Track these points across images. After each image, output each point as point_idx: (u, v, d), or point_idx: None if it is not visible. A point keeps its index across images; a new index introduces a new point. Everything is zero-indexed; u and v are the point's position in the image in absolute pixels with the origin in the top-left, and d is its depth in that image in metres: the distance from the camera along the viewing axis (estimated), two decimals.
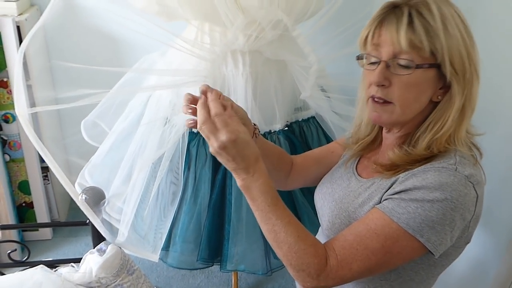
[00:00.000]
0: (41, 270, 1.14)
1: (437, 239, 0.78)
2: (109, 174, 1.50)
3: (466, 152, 0.83)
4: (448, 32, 0.78)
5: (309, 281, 0.80)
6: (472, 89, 0.82)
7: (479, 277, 1.48)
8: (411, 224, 0.77)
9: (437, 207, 0.76)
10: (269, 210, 0.81)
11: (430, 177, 0.78)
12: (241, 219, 1.42)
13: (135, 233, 1.44)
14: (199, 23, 1.36)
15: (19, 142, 1.92)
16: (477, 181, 0.79)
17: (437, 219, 0.76)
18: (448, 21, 0.79)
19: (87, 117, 1.51)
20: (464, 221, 0.79)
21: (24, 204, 2.04)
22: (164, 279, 1.94)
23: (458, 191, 0.76)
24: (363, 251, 0.79)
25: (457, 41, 0.79)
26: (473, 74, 0.81)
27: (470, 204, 0.79)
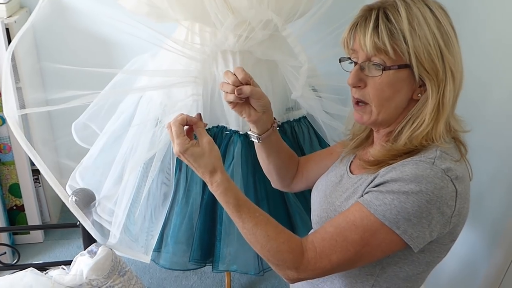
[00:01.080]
0: (31, 273, 1.13)
1: (414, 232, 0.79)
2: (100, 176, 1.50)
3: (449, 148, 0.85)
4: (415, 33, 0.80)
5: (290, 274, 0.85)
6: (446, 88, 0.82)
7: (469, 275, 1.49)
8: (387, 215, 0.79)
9: (412, 199, 0.78)
10: (235, 216, 0.88)
11: (407, 170, 0.80)
12: (232, 220, 1.42)
13: (127, 235, 1.43)
14: (189, 24, 1.36)
15: (9, 145, 1.90)
16: (456, 175, 0.80)
17: (412, 211, 0.78)
18: (417, 21, 0.80)
19: (78, 119, 1.50)
20: (443, 215, 0.80)
21: (15, 207, 2.03)
22: (157, 281, 1.93)
23: (433, 183, 0.78)
24: (342, 242, 0.81)
25: (426, 41, 0.80)
26: (447, 73, 0.82)
27: (448, 198, 0.79)
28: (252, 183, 1.43)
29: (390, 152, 0.86)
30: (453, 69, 0.82)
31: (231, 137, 1.43)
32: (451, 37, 0.82)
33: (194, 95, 1.35)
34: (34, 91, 1.92)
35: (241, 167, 1.40)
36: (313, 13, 1.39)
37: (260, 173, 1.39)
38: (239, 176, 1.40)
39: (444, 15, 0.83)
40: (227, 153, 1.43)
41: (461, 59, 0.85)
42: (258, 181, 1.44)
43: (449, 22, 0.84)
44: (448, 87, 0.82)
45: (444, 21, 0.82)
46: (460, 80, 0.85)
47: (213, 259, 1.47)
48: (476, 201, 1.23)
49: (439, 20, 0.82)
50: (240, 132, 1.43)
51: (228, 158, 1.42)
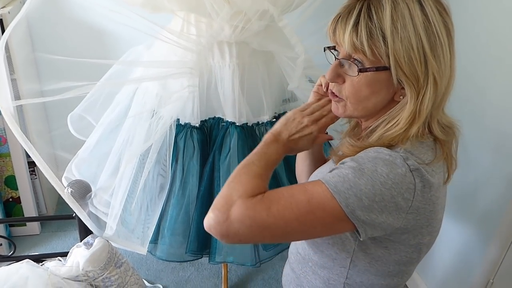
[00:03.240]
0: (27, 264, 1.13)
1: (362, 214, 0.75)
2: (96, 168, 1.49)
3: (417, 148, 0.80)
4: (396, 34, 0.75)
5: (221, 209, 0.78)
6: (425, 95, 0.77)
7: (463, 268, 1.50)
8: (339, 187, 0.75)
9: (366, 177, 0.74)
10: None
11: (368, 153, 0.78)
12: None
13: (123, 226, 1.43)
14: (185, 14, 1.35)
15: (5, 136, 1.89)
16: (417, 168, 0.76)
17: (365, 189, 0.74)
18: (401, 21, 0.75)
19: (74, 111, 1.50)
20: (396, 207, 0.75)
21: (11, 199, 2.02)
22: (154, 272, 1.94)
23: (390, 167, 0.75)
24: (289, 198, 0.77)
25: (408, 44, 0.74)
26: (429, 79, 0.77)
27: (404, 189, 0.75)
28: None
29: (357, 150, 0.82)
30: (437, 76, 0.77)
31: (228, 129, 1.43)
32: (440, 39, 0.76)
33: (190, 86, 1.34)
34: (29, 82, 1.90)
35: (237, 159, 1.40)
36: (310, 3, 1.38)
37: None
38: (235, 168, 1.40)
39: (437, 13, 0.76)
40: (224, 145, 1.42)
41: (453, 60, 0.79)
42: None
43: (443, 20, 0.77)
44: (428, 94, 0.77)
45: (435, 20, 0.76)
46: (447, 84, 0.79)
47: (209, 250, 1.48)
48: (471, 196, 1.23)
49: (429, 19, 0.75)
50: (236, 124, 1.42)
51: (224, 149, 1.42)
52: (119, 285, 1.20)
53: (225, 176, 1.40)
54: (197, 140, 1.44)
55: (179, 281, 1.91)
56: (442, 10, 0.78)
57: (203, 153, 1.44)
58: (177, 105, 1.35)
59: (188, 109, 1.40)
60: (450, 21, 0.79)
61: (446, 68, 0.78)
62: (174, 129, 1.41)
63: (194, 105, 1.39)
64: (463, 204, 1.46)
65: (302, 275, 1.02)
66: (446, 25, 0.78)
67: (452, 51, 0.79)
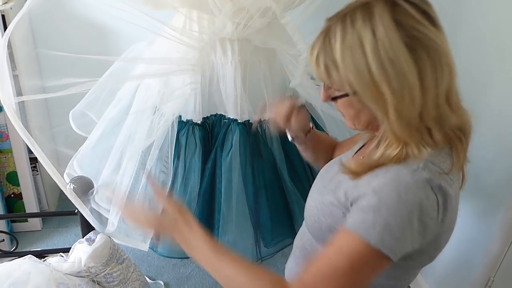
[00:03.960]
0: (29, 260, 1.14)
1: (398, 247, 0.76)
2: (98, 164, 1.50)
3: (437, 156, 0.80)
4: (347, 64, 0.75)
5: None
6: (391, 116, 0.76)
7: (464, 266, 1.50)
8: (371, 233, 0.76)
9: (393, 210, 0.75)
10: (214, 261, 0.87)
11: (389, 177, 0.77)
12: (231, 208, 1.42)
13: (125, 223, 1.43)
14: (187, 11, 1.35)
15: (6, 132, 1.90)
16: (439, 185, 0.76)
17: (395, 225, 0.75)
18: (350, 50, 0.75)
19: (76, 107, 1.50)
20: (425, 226, 0.77)
21: (12, 195, 2.02)
22: (155, 269, 1.94)
23: (414, 193, 0.75)
24: (330, 272, 0.77)
25: (357, 72, 0.75)
26: (388, 102, 0.75)
27: (430, 210, 0.76)
28: (250, 171, 1.43)
29: (365, 168, 0.83)
30: (394, 97, 0.75)
31: (230, 126, 1.43)
32: (395, 59, 0.73)
33: (192, 83, 1.34)
34: (31, 78, 1.90)
35: (239, 156, 1.40)
36: (312, 0, 1.37)
37: (259, 162, 1.39)
38: (237, 165, 1.40)
39: (395, 29, 0.73)
40: (226, 142, 1.43)
41: (425, 72, 0.74)
42: (257, 169, 1.44)
43: (408, 34, 0.73)
44: (392, 115, 0.76)
45: (388, 41, 0.73)
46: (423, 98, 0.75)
47: None
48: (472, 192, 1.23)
49: (379, 43, 0.73)
50: (238, 121, 1.42)
51: (226, 146, 1.42)
52: (121, 281, 1.20)
53: (226, 173, 1.41)
54: (199, 137, 1.44)
55: (180, 278, 1.91)
56: (407, 21, 0.74)
57: (205, 150, 1.45)
58: (179, 102, 1.36)
59: (190, 106, 1.41)
60: (424, 28, 0.74)
61: (410, 85, 0.74)
62: (176, 126, 1.41)
63: (196, 102, 1.40)
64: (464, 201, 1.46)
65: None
66: (412, 39, 0.73)
67: (423, 63, 0.74)
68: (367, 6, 0.76)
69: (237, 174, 1.39)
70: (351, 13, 0.76)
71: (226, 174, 1.40)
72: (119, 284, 1.20)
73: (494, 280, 1.38)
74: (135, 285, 1.25)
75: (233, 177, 1.40)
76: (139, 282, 1.26)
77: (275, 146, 1.47)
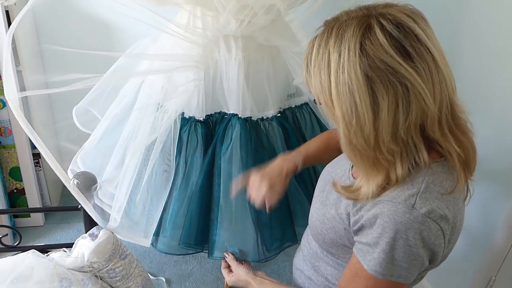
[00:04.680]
0: (32, 254, 1.14)
1: (408, 274, 0.80)
2: (102, 161, 1.50)
3: (439, 173, 0.79)
4: (314, 78, 0.78)
5: None
6: (354, 135, 0.76)
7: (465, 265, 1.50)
8: (379, 270, 0.79)
9: (397, 247, 0.76)
10: None
11: (386, 214, 0.77)
12: (230, 203, 1.41)
13: (128, 219, 1.44)
14: (191, 7, 1.35)
15: (10, 128, 1.90)
16: (440, 215, 0.76)
17: (400, 258, 0.77)
18: (318, 66, 0.77)
19: (79, 104, 1.50)
20: (433, 252, 0.79)
21: (15, 191, 2.03)
22: (157, 265, 1.95)
23: (414, 229, 0.75)
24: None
25: (320, 87, 0.77)
26: (339, 117, 0.76)
27: (434, 239, 0.77)
28: (252, 166, 1.42)
29: (349, 195, 0.85)
30: (348, 119, 0.75)
31: (230, 120, 1.42)
32: (351, 85, 0.72)
33: (195, 80, 1.34)
34: (35, 73, 1.91)
35: (240, 150, 1.39)
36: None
37: (262, 158, 1.39)
38: (237, 159, 1.38)
39: (357, 55, 0.71)
40: (225, 137, 1.41)
41: (377, 103, 0.72)
42: (259, 165, 1.43)
43: (370, 64, 0.71)
44: (349, 136, 0.77)
45: (354, 64, 0.72)
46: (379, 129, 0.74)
47: (208, 245, 1.48)
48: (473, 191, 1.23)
49: (340, 64, 0.73)
50: (239, 115, 1.42)
51: (226, 141, 1.40)
52: (124, 276, 1.21)
53: (226, 167, 1.39)
54: (201, 134, 1.43)
55: (182, 274, 1.92)
56: (374, 51, 0.71)
57: (206, 147, 1.44)
58: (182, 99, 1.36)
59: (193, 103, 1.40)
60: (392, 61, 0.70)
61: (360, 116, 0.73)
62: (179, 122, 1.41)
63: (199, 99, 1.40)
64: None
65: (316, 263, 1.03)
66: (374, 70, 0.71)
67: (380, 97, 0.72)
68: (344, 25, 0.74)
69: (237, 168, 1.38)
70: (330, 29, 0.76)
71: (225, 168, 1.39)
72: (121, 279, 1.21)
73: (496, 279, 1.38)
74: (138, 281, 1.25)
75: (233, 171, 1.39)
76: (141, 277, 1.27)
77: (279, 143, 1.46)
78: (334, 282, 0.99)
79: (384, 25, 0.71)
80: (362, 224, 0.82)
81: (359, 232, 0.83)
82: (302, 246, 1.12)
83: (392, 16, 0.72)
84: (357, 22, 0.73)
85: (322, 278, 1.01)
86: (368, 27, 0.72)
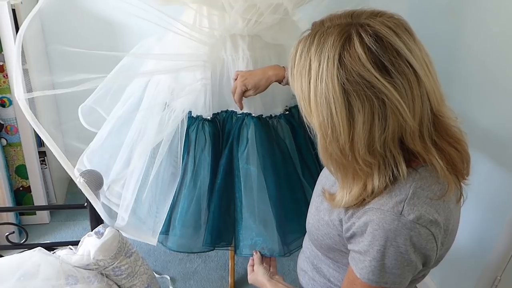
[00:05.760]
0: (39, 252, 1.15)
1: (402, 280, 0.80)
2: (108, 160, 1.50)
3: (426, 178, 0.79)
4: (294, 81, 0.79)
5: None
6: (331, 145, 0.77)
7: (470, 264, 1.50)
8: (371, 278, 0.80)
9: (388, 255, 0.77)
10: None
11: (375, 221, 0.77)
12: (252, 203, 1.40)
13: (135, 217, 1.44)
14: (197, 6, 1.35)
15: (16, 126, 1.91)
16: (429, 220, 0.76)
17: (392, 265, 0.78)
18: (299, 69, 0.77)
19: (84, 103, 1.50)
20: (425, 256, 0.79)
21: (21, 188, 2.04)
22: (162, 263, 1.95)
23: (403, 235, 0.75)
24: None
25: (301, 91, 0.78)
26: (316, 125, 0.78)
27: (424, 243, 0.77)
28: (269, 164, 1.41)
29: (332, 203, 0.86)
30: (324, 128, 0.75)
31: (244, 120, 1.41)
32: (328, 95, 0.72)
33: (202, 79, 1.34)
34: (42, 74, 1.92)
35: (256, 149, 1.38)
36: None
37: (278, 155, 1.38)
38: (255, 159, 1.38)
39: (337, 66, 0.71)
40: (241, 137, 1.41)
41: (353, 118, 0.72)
42: (278, 162, 1.43)
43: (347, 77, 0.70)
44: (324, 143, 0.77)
45: (331, 75, 0.71)
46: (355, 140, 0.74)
47: (225, 243, 1.48)
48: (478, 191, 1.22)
49: (319, 73, 0.73)
50: (252, 114, 1.42)
51: (242, 141, 1.41)
52: (129, 274, 1.21)
53: (244, 168, 1.40)
54: (209, 133, 1.44)
55: (186, 273, 1.92)
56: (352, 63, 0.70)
57: (214, 146, 1.44)
58: (189, 98, 1.36)
59: (200, 102, 1.40)
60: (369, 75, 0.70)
61: (336, 126, 0.74)
62: (186, 121, 1.42)
63: (206, 98, 1.40)
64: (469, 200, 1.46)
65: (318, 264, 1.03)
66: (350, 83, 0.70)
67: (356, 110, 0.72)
68: (325, 33, 0.74)
69: (256, 167, 1.38)
70: (313, 35, 0.76)
71: (244, 168, 1.39)
72: (127, 277, 1.21)
73: (501, 279, 1.38)
74: (143, 279, 1.26)
75: (252, 171, 1.39)
76: (146, 275, 1.27)
77: (287, 140, 1.46)
78: (337, 283, 0.99)
79: (363, 38, 0.70)
80: (353, 231, 0.82)
81: (351, 240, 0.84)
82: (304, 247, 1.12)
83: (372, 30, 0.71)
84: (338, 32, 0.72)
85: (324, 279, 1.02)
86: (348, 38, 0.71)
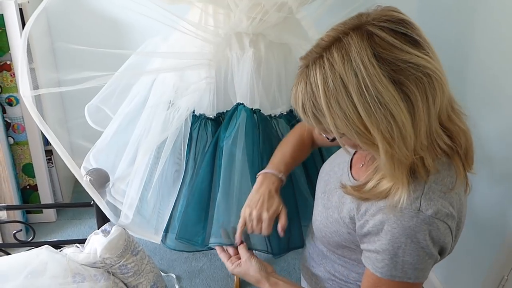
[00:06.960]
0: (46, 250, 1.16)
1: (424, 274, 0.81)
2: (114, 158, 1.51)
3: (440, 172, 0.79)
4: (333, 111, 0.71)
5: None
6: (391, 150, 0.73)
7: (476, 263, 1.50)
8: (394, 274, 0.80)
9: (409, 252, 0.77)
10: None
11: (393, 220, 0.77)
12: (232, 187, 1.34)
13: (139, 216, 1.45)
14: (203, 5, 1.35)
15: (23, 125, 1.92)
16: (446, 213, 0.76)
17: (414, 261, 0.78)
18: (334, 97, 0.70)
19: (91, 102, 1.51)
20: (443, 249, 0.81)
21: (28, 187, 2.06)
22: (167, 262, 1.96)
23: (423, 231, 0.76)
24: None
25: (345, 117, 0.71)
26: (379, 140, 0.72)
27: (443, 237, 0.78)
28: (257, 154, 1.37)
29: (362, 195, 0.83)
30: (389, 136, 0.71)
31: (236, 109, 1.39)
32: (381, 97, 0.68)
33: (207, 77, 1.35)
34: (48, 72, 1.93)
35: (245, 135, 1.34)
36: None
37: (270, 148, 1.37)
38: (242, 142, 1.33)
39: (377, 66, 0.67)
40: (230, 123, 1.37)
41: (414, 107, 0.70)
42: (266, 154, 1.41)
43: (392, 68, 0.68)
44: (393, 153, 0.73)
45: (376, 76, 0.67)
46: (418, 129, 0.72)
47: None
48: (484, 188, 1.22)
49: (360, 82, 0.68)
50: (245, 104, 1.38)
51: (231, 126, 1.37)
52: (135, 272, 1.22)
53: (228, 148, 1.34)
54: (211, 132, 1.43)
55: (192, 271, 1.93)
56: (389, 53, 0.68)
57: (215, 145, 1.44)
58: (194, 97, 1.36)
59: (205, 100, 1.41)
60: (409, 56, 0.68)
61: (400, 126, 0.70)
62: (190, 120, 1.42)
63: (210, 97, 1.40)
64: (477, 197, 1.45)
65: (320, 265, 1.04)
66: (398, 72, 0.68)
67: (413, 95, 0.70)
68: (343, 43, 0.69)
69: (241, 151, 1.32)
70: (328, 53, 0.70)
71: (228, 149, 1.34)
72: (133, 275, 1.22)
73: (508, 278, 1.37)
74: (149, 277, 1.26)
75: (236, 153, 1.32)
76: (153, 274, 1.28)
77: None
78: (341, 278, 0.99)
79: (383, 26, 0.69)
80: (368, 230, 0.82)
81: (364, 239, 0.84)
82: (307, 244, 1.12)
83: (383, 18, 0.70)
84: (356, 35, 0.69)
85: (329, 274, 1.02)
86: (369, 34, 0.69)
